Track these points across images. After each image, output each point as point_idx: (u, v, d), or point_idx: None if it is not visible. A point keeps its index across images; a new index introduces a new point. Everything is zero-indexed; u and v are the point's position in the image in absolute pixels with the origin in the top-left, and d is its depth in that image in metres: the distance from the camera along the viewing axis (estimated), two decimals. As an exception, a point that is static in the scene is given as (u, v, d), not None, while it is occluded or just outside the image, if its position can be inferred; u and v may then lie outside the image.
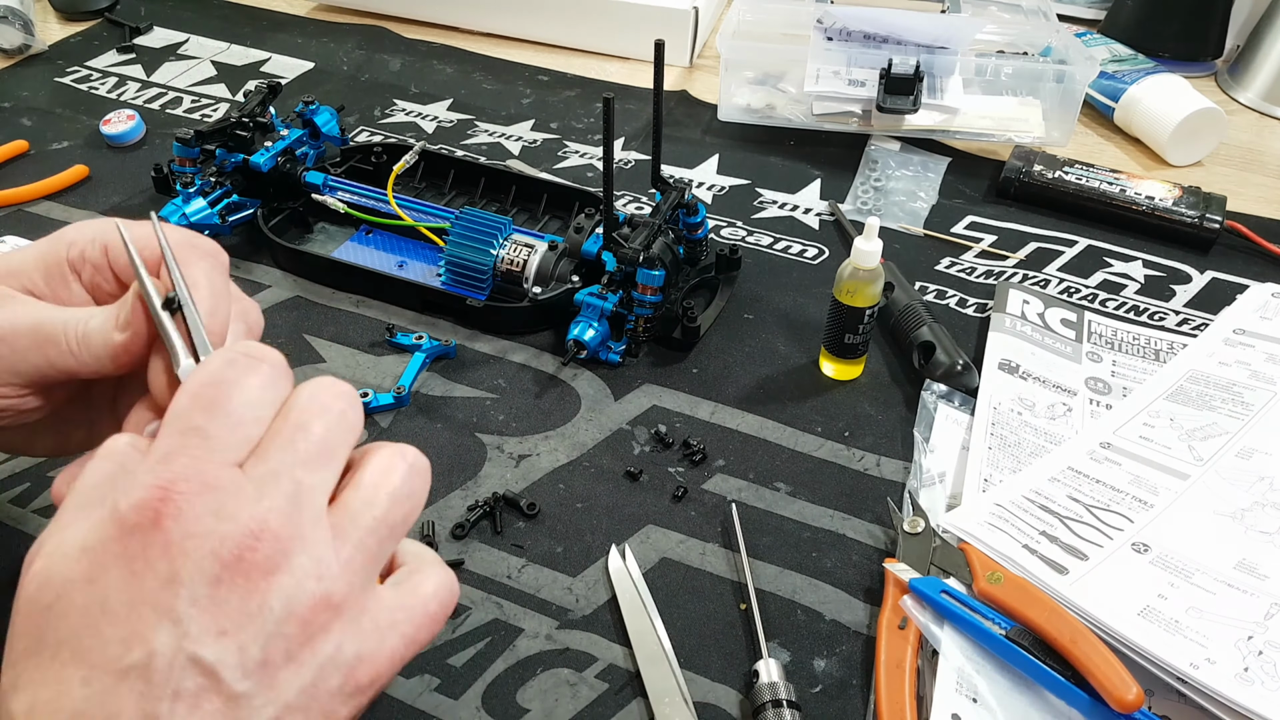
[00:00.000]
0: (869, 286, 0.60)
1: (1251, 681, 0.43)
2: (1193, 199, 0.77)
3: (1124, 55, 0.95)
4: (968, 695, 0.45)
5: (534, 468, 0.58)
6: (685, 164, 0.85)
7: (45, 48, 1.00)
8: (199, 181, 0.72)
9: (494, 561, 0.53)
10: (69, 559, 0.29)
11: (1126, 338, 0.67)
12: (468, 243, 0.67)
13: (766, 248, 0.75)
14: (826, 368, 0.65)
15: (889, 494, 0.56)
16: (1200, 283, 0.73)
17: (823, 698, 0.47)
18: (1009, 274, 0.73)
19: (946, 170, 0.84)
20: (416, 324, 0.68)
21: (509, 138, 0.88)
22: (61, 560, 0.30)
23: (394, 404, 0.61)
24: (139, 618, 0.29)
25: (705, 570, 0.53)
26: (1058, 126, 0.86)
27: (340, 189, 0.75)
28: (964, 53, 0.85)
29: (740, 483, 0.58)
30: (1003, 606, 0.47)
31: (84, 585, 0.29)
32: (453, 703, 0.47)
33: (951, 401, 0.61)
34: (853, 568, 0.53)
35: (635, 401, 0.62)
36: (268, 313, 0.68)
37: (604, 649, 0.49)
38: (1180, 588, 0.48)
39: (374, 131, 0.89)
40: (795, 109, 0.88)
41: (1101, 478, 0.55)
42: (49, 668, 0.29)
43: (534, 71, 0.99)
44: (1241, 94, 0.97)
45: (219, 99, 0.94)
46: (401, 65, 0.99)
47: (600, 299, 0.63)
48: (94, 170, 0.82)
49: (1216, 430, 0.58)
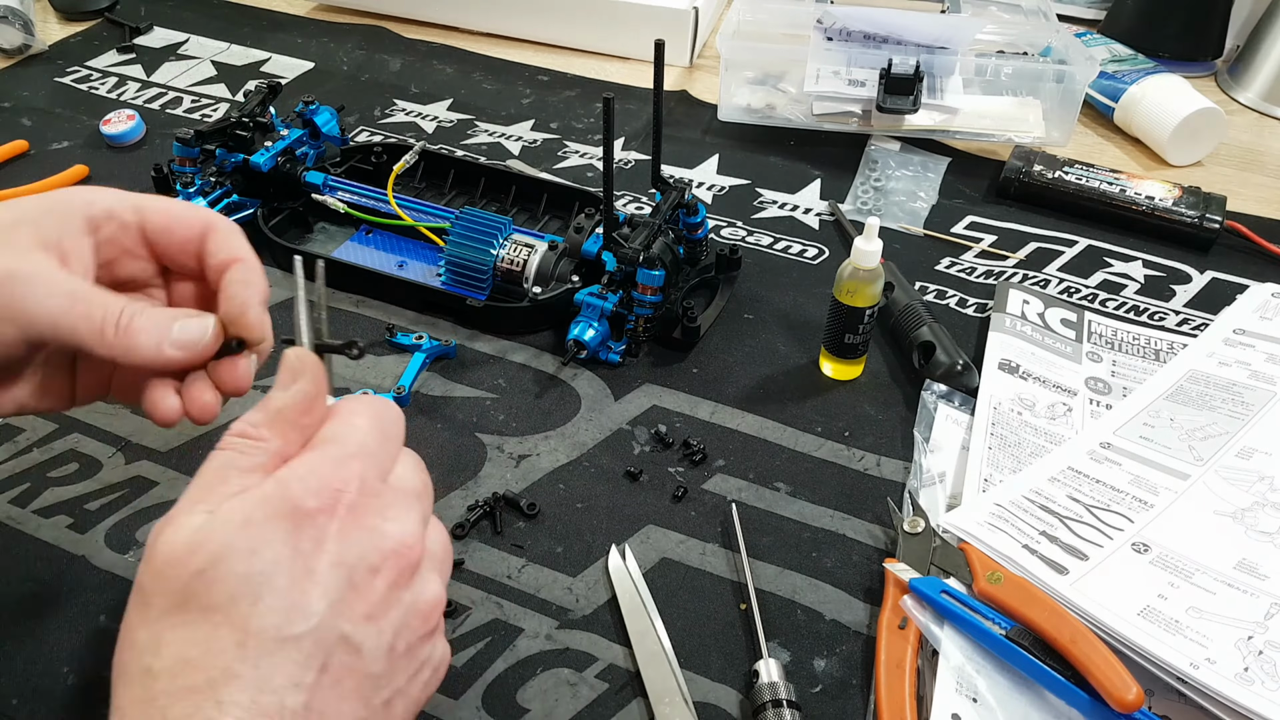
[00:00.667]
0: (869, 286, 0.60)
1: (1251, 681, 0.43)
2: (1193, 199, 0.77)
3: (1124, 55, 0.95)
4: (968, 695, 0.45)
5: (534, 468, 0.58)
6: (685, 164, 0.85)
7: (45, 48, 1.00)
8: (199, 181, 0.72)
9: (494, 561, 0.53)
10: (229, 528, 0.32)
11: (1126, 338, 0.67)
12: (468, 243, 0.67)
13: (766, 248, 0.75)
14: (826, 368, 0.65)
15: (889, 494, 0.56)
16: (1200, 283, 0.73)
17: (823, 698, 0.47)
18: (1009, 274, 0.73)
19: (946, 170, 0.84)
20: (416, 324, 0.68)
21: (509, 138, 0.88)
22: (222, 529, 0.32)
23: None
24: (301, 592, 0.32)
25: (705, 570, 0.53)
26: (1058, 126, 0.86)
27: (340, 189, 0.75)
28: (964, 53, 0.85)
29: (740, 483, 0.58)
30: (1003, 606, 0.47)
31: (245, 555, 0.31)
32: (453, 702, 0.47)
33: (951, 401, 0.61)
34: (853, 568, 0.53)
35: (635, 401, 0.62)
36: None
37: (604, 649, 0.49)
38: (1180, 588, 0.48)
39: (374, 131, 0.89)
40: (795, 109, 0.88)
41: (1101, 478, 0.55)
42: (199, 628, 0.31)
43: (534, 71, 0.99)
44: (1241, 94, 0.97)
45: (219, 99, 0.94)
46: (401, 65, 0.99)
47: (600, 299, 0.63)
48: (94, 170, 0.82)
49: (1216, 430, 0.58)
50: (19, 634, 0.49)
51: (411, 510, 0.36)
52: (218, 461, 0.35)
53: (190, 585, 0.31)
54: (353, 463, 0.35)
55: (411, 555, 0.35)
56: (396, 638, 0.34)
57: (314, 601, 0.32)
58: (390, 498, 0.35)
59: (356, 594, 0.33)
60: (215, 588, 0.31)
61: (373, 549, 0.34)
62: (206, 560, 0.31)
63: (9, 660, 0.47)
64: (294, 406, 0.36)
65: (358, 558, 0.33)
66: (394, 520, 0.35)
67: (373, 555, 0.33)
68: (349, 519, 0.33)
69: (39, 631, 0.49)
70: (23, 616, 0.49)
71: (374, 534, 0.34)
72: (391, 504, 0.35)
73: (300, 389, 0.36)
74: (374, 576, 0.33)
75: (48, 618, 0.49)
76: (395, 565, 0.34)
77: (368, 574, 0.33)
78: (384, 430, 0.37)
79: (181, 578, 0.31)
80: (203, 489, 0.34)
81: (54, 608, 0.50)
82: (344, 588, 0.32)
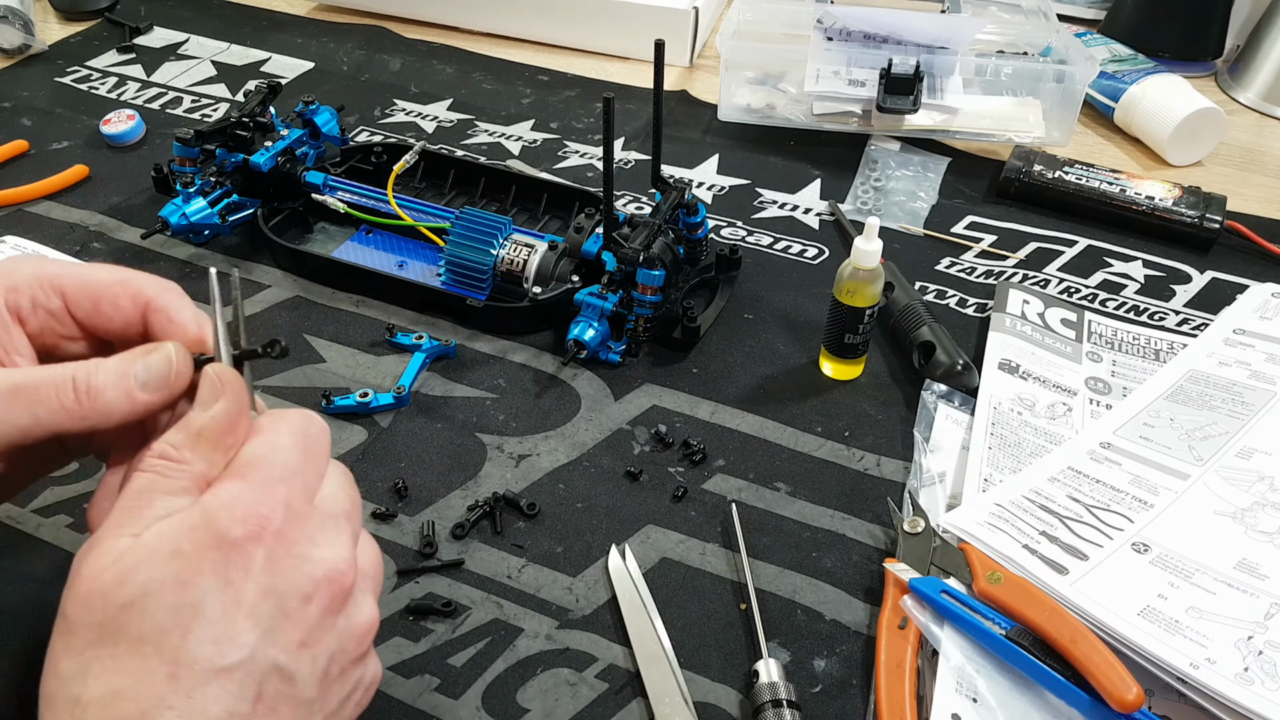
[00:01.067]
0: (869, 286, 0.60)
1: (1251, 681, 0.43)
2: (1193, 199, 0.77)
3: (1124, 55, 0.95)
4: (968, 695, 0.45)
5: (534, 468, 0.58)
6: (685, 164, 0.85)
7: (45, 48, 1.00)
8: (199, 181, 0.72)
9: (494, 561, 0.53)
10: (157, 560, 0.31)
11: (1126, 338, 0.67)
12: (468, 243, 0.67)
13: (766, 248, 0.75)
14: (826, 368, 0.65)
15: (889, 494, 0.56)
16: (1200, 283, 0.73)
17: (823, 698, 0.47)
18: (1009, 274, 0.73)
19: (946, 170, 0.84)
20: (416, 324, 0.68)
21: (509, 138, 0.88)
22: (148, 561, 0.31)
23: (394, 404, 0.61)
24: (232, 623, 0.31)
25: (705, 570, 0.53)
26: (1058, 126, 0.86)
27: (340, 189, 0.75)
28: (964, 53, 0.85)
29: (740, 483, 0.58)
30: (1003, 606, 0.47)
31: (175, 587, 0.31)
32: (453, 702, 0.47)
33: (951, 401, 0.61)
34: (853, 568, 0.53)
35: (635, 401, 0.62)
36: (268, 312, 0.68)
37: (604, 649, 0.49)
38: (1180, 588, 0.48)
39: (374, 131, 0.89)
40: (795, 109, 0.88)
41: (1101, 478, 0.55)
42: (128, 660, 0.30)
43: (534, 71, 0.99)
44: (1241, 94, 0.97)
45: (219, 99, 0.94)
46: (401, 65, 0.99)
47: (600, 299, 0.63)
48: (94, 170, 0.82)
49: (1216, 430, 0.58)
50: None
51: (341, 533, 0.35)
52: (140, 484, 0.34)
53: (118, 618, 0.31)
54: (278, 487, 0.34)
55: (344, 581, 0.34)
56: (331, 663, 0.34)
57: (245, 632, 0.31)
58: (319, 521, 0.35)
59: (289, 622, 0.33)
60: (145, 620, 0.31)
61: (304, 577, 0.33)
62: (135, 592, 0.31)
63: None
64: (215, 427, 0.35)
65: (289, 586, 0.33)
66: (324, 546, 0.34)
67: (304, 583, 0.33)
68: (278, 546, 0.33)
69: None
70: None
71: (304, 561, 0.33)
72: (320, 528, 0.35)
73: (221, 408, 0.35)
74: (306, 604, 0.33)
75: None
76: (328, 592, 0.34)
77: (300, 602, 0.33)
78: (308, 448, 0.36)
79: (109, 609, 0.31)
80: (126, 512, 0.33)
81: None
82: (276, 617, 0.32)
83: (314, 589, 0.33)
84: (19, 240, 0.73)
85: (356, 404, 0.61)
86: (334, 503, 0.36)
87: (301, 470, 0.35)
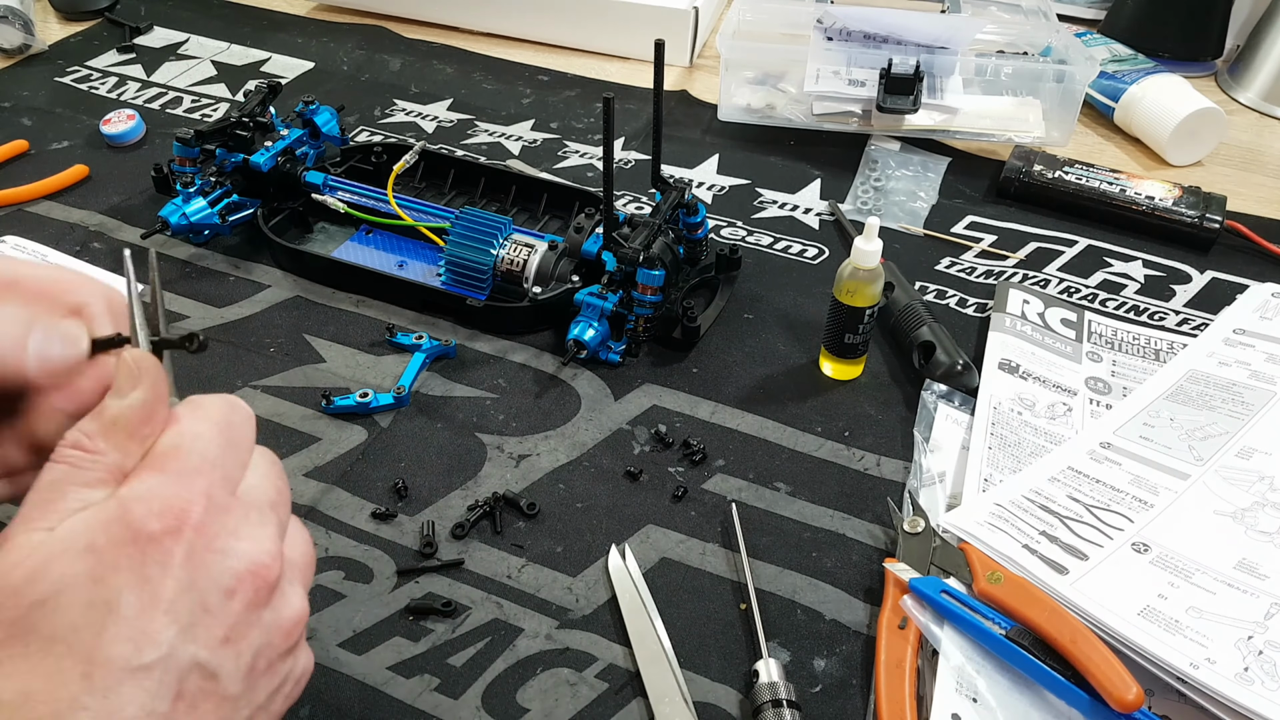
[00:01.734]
0: (869, 286, 0.60)
1: (1251, 681, 0.43)
2: (1193, 199, 0.77)
3: (1124, 55, 0.95)
4: (968, 695, 0.45)
5: (534, 468, 0.58)
6: (685, 164, 0.85)
7: (45, 48, 1.00)
8: (199, 181, 0.72)
9: (494, 561, 0.53)
10: (70, 556, 0.30)
11: (1126, 338, 0.67)
12: (468, 243, 0.67)
13: (766, 248, 0.75)
14: (826, 368, 0.65)
15: (889, 494, 0.56)
16: (1200, 283, 0.73)
17: (823, 698, 0.47)
18: (1009, 274, 0.73)
19: (946, 170, 0.84)
20: (416, 324, 0.68)
21: (509, 138, 0.88)
22: (61, 556, 0.30)
23: (394, 404, 0.61)
24: (149, 620, 0.30)
25: (705, 570, 0.53)
26: (1058, 126, 0.86)
27: (340, 189, 0.75)
28: (964, 53, 0.85)
29: (740, 482, 0.58)
30: (1003, 606, 0.47)
31: (88, 584, 0.30)
32: (453, 702, 0.47)
33: (951, 401, 0.61)
34: (853, 568, 0.53)
35: (635, 401, 0.62)
36: (268, 312, 0.68)
37: (604, 649, 0.49)
38: (1180, 588, 0.48)
39: (374, 131, 0.89)
40: (795, 109, 0.88)
41: (1101, 478, 0.55)
42: (39, 660, 0.29)
43: (534, 71, 0.99)
44: (1241, 94, 0.97)
45: (219, 99, 0.94)
46: (401, 65, 0.99)
47: (600, 299, 0.63)
48: (94, 170, 0.82)
49: (1216, 430, 0.58)
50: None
51: (265, 524, 0.34)
52: (53, 475, 0.32)
53: (29, 616, 0.29)
54: (197, 479, 0.33)
55: (268, 574, 0.33)
56: (257, 658, 0.33)
57: (163, 629, 0.30)
58: (241, 512, 0.34)
59: (211, 618, 0.31)
60: (57, 617, 0.29)
61: (225, 571, 0.32)
62: (47, 590, 0.30)
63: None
64: (132, 416, 0.33)
65: (210, 581, 0.32)
66: (247, 538, 0.33)
67: (225, 578, 0.32)
68: (198, 540, 0.32)
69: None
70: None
71: (226, 555, 0.32)
72: (244, 520, 0.33)
73: (138, 397, 0.33)
74: (229, 599, 0.32)
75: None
76: (251, 585, 0.33)
77: (222, 597, 0.32)
78: (230, 437, 0.35)
79: (20, 607, 0.30)
80: (38, 506, 0.31)
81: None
82: (196, 612, 0.31)
83: (236, 583, 0.32)
84: (19, 240, 0.73)
85: (356, 404, 0.61)
86: (258, 493, 0.35)
87: (222, 460, 0.34)
